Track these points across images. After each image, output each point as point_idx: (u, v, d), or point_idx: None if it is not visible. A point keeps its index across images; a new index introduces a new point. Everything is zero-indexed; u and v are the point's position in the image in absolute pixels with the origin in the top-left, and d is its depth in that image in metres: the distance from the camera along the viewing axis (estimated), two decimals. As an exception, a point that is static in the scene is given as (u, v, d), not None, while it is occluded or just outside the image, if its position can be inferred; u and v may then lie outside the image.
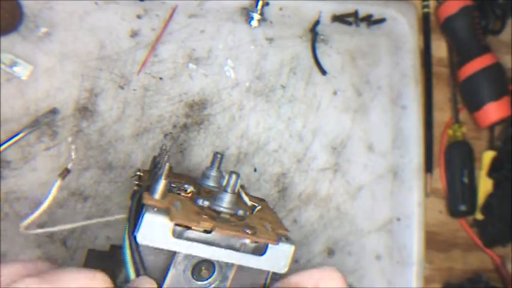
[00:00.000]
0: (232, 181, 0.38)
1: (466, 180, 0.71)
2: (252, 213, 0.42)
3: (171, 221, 0.35)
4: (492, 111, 0.70)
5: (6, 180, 0.52)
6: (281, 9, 0.63)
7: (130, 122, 0.56)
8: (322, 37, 0.65)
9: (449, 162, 0.72)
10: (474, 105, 0.72)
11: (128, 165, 0.56)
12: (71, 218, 0.53)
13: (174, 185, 0.40)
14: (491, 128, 0.73)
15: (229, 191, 0.38)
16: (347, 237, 0.63)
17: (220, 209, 0.38)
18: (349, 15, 0.66)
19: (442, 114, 0.73)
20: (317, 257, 0.61)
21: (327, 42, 0.65)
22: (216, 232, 0.36)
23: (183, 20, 0.60)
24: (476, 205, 0.71)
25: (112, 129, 0.56)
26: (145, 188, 0.39)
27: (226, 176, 0.39)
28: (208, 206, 0.39)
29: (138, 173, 0.45)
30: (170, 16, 0.59)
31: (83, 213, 0.54)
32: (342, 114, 0.65)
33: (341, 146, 0.64)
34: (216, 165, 0.45)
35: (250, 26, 0.62)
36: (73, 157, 0.53)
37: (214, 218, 0.37)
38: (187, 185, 0.40)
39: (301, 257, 0.61)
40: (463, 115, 0.74)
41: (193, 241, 0.36)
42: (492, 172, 0.72)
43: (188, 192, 0.40)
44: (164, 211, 0.35)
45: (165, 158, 0.40)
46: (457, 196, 0.71)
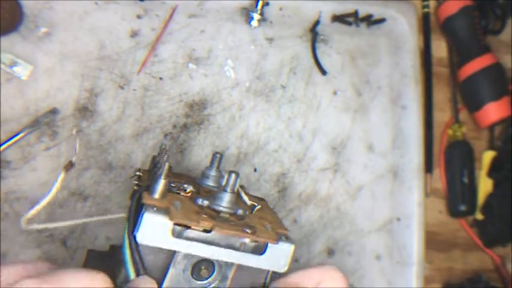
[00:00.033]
0: (232, 180, 0.38)
1: (466, 180, 0.71)
2: (251, 212, 0.42)
3: (171, 220, 0.35)
4: (492, 111, 0.70)
5: (6, 180, 0.52)
6: (281, 9, 0.63)
7: (130, 122, 0.56)
8: (322, 37, 0.65)
9: (449, 162, 0.72)
10: (474, 105, 0.72)
11: (128, 165, 0.56)
12: (70, 217, 0.53)
13: (173, 184, 0.40)
14: (491, 128, 0.73)
15: (228, 190, 0.38)
16: (347, 237, 0.63)
17: (220, 208, 0.38)
18: (349, 15, 0.66)
19: (442, 114, 0.73)
20: (317, 257, 0.61)
21: (327, 42, 0.65)
22: (215, 231, 0.36)
23: (183, 20, 0.60)
24: (476, 205, 0.71)
25: (112, 129, 0.56)
26: (144, 188, 0.39)
27: (226, 176, 0.39)
28: (208, 206, 0.39)
29: (137, 173, 0.45)
30: (170, 16, 0.59)
31: (83, 213, 0.54)
32: (342, 114, 0.65)
33: (341, 146, 0.64)
34: (215, 165, 0.45)
35: (250, 26, 0.62)
36: (77, 151, 0.53)
37: (214, 218, 0.37)
38: (186, 184, 0.40)
39: (301, 256, 0.61)
40: (463, 115, 0.74)
41: (193, 240, 0.36)
42: (492, 172, 0.72)
43: (188, 191, 0.40)
44: (164, 211, 0.35)
45: (165, 157, 0.40)
46: (457, 196, 0.71)
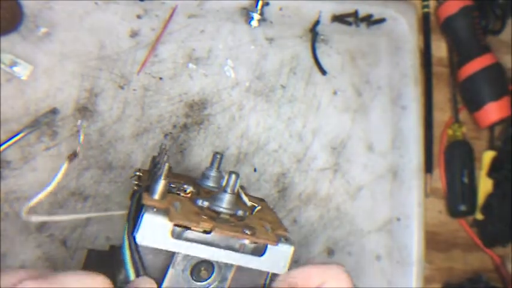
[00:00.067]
0: (232, 181, 0.38)
1: (466, 180, 0.71)
2: (251, 213, 0.42)
3: (171, 221, 0.35)
4: (492, 111, 0.70)
5: (6, 180, 0.52)
6: (281, 9, 0.63)
7: (130, 122, 0.56)
8: (322, 37, 0.65)
9: (449, 162, 0.72)
10: (474, 105, 0.72)
11: (128, 165, 0.56)
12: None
13: (173, 185, 0.40)
14: (491, 128, 0.73)
15: (228, 191, 0.38)
16: (347, 237, 0.63)
17: (220, 209, 0.38)
18: (349, 15, 0.66)
19: (442, 114, 0.73)
20: (317, 257, 0.61)
21: (327, 42, 0.65)
22: (215, 232, 0.36)
23: (183, 20, 0.60)
24: (476, 205, 0.71)
25: (112, 129, 0.56)
26: (144, 188, 0.39)
27: (226, 177, 0.39)
28: (208, 207, 0.39)
29: (137, 173, 0.45)
30: (170, 16, 0.59)
31: (83, 213, 0.54)
32: (342, 114, 0.65)
33: (341, 146, 0.64)
34: (215, 165, 0.45)
35: (250, 26, 0.62)
36: (81, 141, 0.53)
37: (214, 219, 0.37)
38: (186, 185, 0.40)
39: (301, 256, 0.61)
40: (463, 115, 0.74)
41: (193, 241, 0.36)
42: (492, 172, 0.72)
43: (188, 192, 0.40)
44: (163, 211, 0.35)
45: (165, 158, 0.40)
46: (457, 196, 0.71)
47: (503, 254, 0.72)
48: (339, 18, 0.65)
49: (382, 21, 0.67)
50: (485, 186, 0.72)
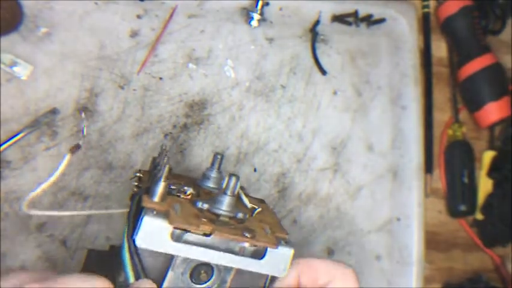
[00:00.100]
0: (232, 184, 0.38)
1: (466, 180, 0.71)
2: (251, 215, 0.42)
3: (170, 224, 0.34)
4: (492, 111, 0.70)
5: (6, 180, 0.52)
6: (281, 9, 0.63)
7: (131, 122, 0.56)
8: (322, 37, 0.65)
9: (449, 162, 0.72)
10: (474, 105, 0.72)
11: (128, 165, 0.56)
12: (70, 217, 0.53)
13: (173, 186, 0.40)
14: (491, 128, 0.73)
15: (228, 193, 0.38)
16: (347, 237, 0.63)
17: (220, 212, 0.38)
18: (349, 15, 0.66)
19: (442, 114, 0.73)
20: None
21: (327, 42, 0.65)
22: (215, 235, 0.36)
23: (183, 20, 0.60)
24: (476, 205, 0.71)
25: (112, 129, 0.56)
26: (144, 190, 0.38)
27: (226, 179, 0.38)
28: (208, 209, 0.38)
29: (137, 174, 0.44)
30: (170, 16, 0.59)
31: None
32: (342, 114, 0.65)
33: (341, 146, 0.64)
34: (216, 166, 0.45)
35: (250, 26, 0.62)
36: (84, 134, 0.53)
37: (214, 221, 0.37)
38: (186, 186, 0.40)
39: (301, 257, 0.61)
40: (463, 115, 0.74)
41: (192, 244, 0.35)
42: (492, 172, 0.72)
43: (188, 194, 0.40)
44: (163, 214, 0.35)
45: (165, 159, 0.40)
46: (457, 196, 0.71)
47: (503, 254, 0.72)
48: (339, 18, 0.65)
49: (382, 21, 0.67)
50: (485, 186, 0.72)
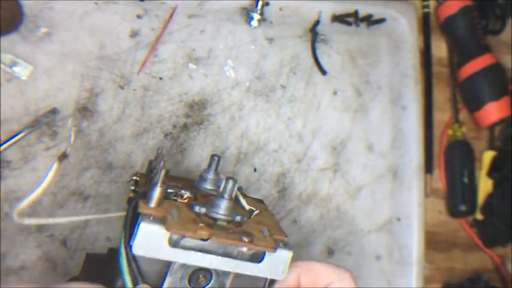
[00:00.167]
0: (229, 187, 0.38)
1: (466, 180, 0.71)
2: (249, 217, 0.42)
3: (168, 230, 0.34)
4: (492, 111, 0.70)
5: (6, 180, 0.52)
6: (281, 9, 0.63)
7: (131, 122, 0.56)
8: (322, 37, 0.65)
9: (449, 162, 0.72)
10: (474, 105, 0.72)
11: (128, 165, 0.56)
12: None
13: (170, 190, 0.39)
14: (491, 128, 0.73)
15: (226, 197, 0.38)
16: (347, 237, 0.63)
17: (217, 216, 0.38)
18: (349, 15, 0.66)
19: (442, 114, 0.73)
20: (317, 257, 0.61)
21: (327, 42, 0.65)
22: (212, 240, 0.35)
23: (183, 20, 0.60)
24: (476, 205, 0.71)
25: (112, 129, 0.56)
26: (141, 195, 0.38)
27: (223, 182, 0.38)
28: (205, 213, 0.38)
29: (134, 177, 0.44)
30: (170, 16, 0.59)
31: (83, 213, 0.54)
32: (342, 114, 0.65)
33: (341, 146, 0.64)
34: (213, 167, 0.44)
35: (250, 26, 0.62)
36: (72, 141, 0.53)
37: (211, 226, 0.37)
38: (183, 190, 0.39)
39: (301, 257, 0.60)
40: (463, 115, 0.74)
41: (190, 249, 0.35)
42: (492, 172, 0.72)
43: (185, 198, 0.39)
44: (160, 220, 0.35)
45: (161, 163, 0.39)
46: (457, 196, 0.71)
47: (503, 254, 0.72)
48: (339, 18, 0.65)
49: (382, 21, 0.67)
50: (485, 186, 0.72)
